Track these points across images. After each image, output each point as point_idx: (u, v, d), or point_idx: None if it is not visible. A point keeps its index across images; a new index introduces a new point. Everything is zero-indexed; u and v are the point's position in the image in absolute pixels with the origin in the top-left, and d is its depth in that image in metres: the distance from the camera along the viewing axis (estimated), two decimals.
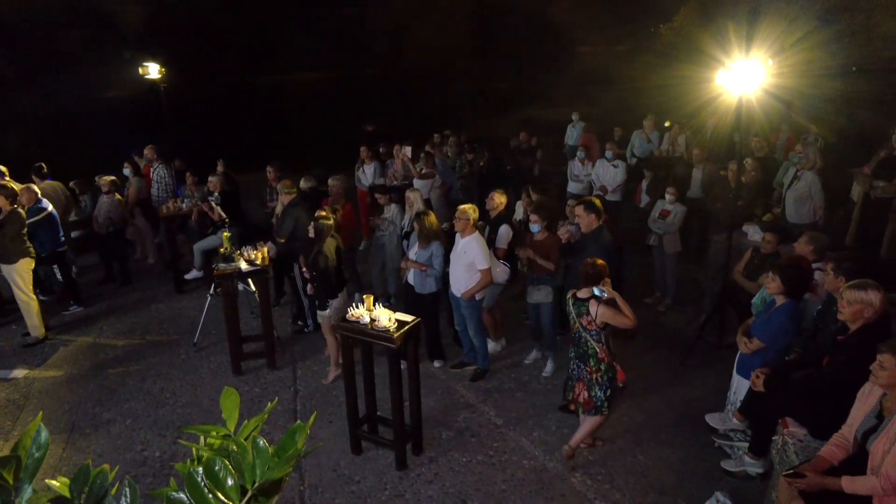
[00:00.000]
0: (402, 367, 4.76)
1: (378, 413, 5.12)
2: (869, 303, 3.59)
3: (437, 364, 6.27)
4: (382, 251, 7.35)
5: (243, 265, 6.14)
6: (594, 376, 4.38)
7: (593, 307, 4.25)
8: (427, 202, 8.41)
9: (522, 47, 23.40)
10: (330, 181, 7.39)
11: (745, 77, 5.30)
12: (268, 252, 6.35)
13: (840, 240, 6.84)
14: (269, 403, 1.58)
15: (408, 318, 4.66)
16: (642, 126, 10.47)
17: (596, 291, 4.25)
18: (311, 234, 5.67)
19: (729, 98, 5.75)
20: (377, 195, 7.54)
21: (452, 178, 9.61)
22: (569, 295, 4.53)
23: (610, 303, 4.22)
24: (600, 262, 4.35)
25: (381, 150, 10.36)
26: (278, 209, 7.10)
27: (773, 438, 3.99)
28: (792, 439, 3.75)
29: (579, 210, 5.32)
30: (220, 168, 8.87)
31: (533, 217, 5.82)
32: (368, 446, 5.00)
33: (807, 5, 16.19)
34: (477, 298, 5.76)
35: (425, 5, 23.16)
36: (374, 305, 4.71)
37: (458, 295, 5.75)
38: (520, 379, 6.01)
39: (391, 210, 7.22)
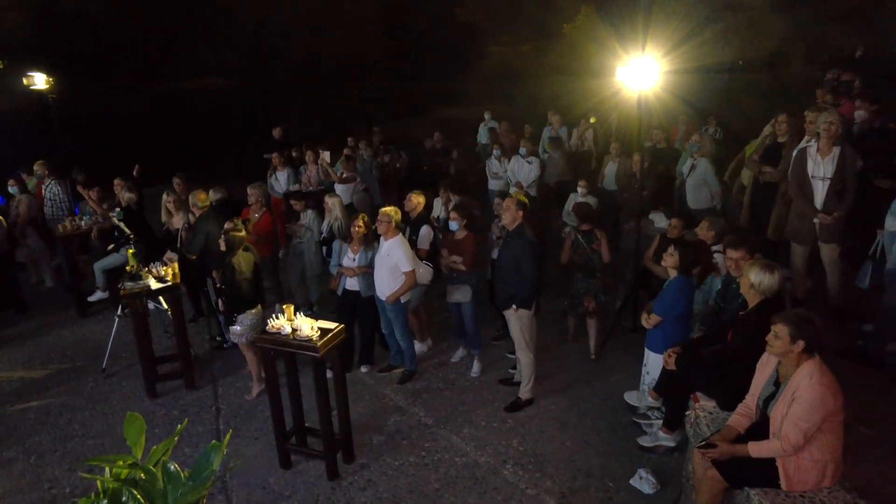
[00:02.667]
0: (328, 375, 4.68)
1: (306, 424, 5.01)
2: (767, 280, 3.86)
3: (364, 370, 6.20)
4: (301, 259, 7.19)
5: (152, 282, 5.83)
6: (599, 284, 5.89)
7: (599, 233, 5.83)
8: (349, 207, 8.32)
9: (433, 48, 23.57)
10: (249, 189, 7.15)
11: (641, 73, 5.58)
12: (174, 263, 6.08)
13: (736, 222, 7.34)
14: (179, 426, 1.51)
15: (331, 325, 4.58)
16: (551, 123, 10.80)
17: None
18: (223, 247, 5.46)
19: (629, 93, 6.03)
20: (292, 202, 7.36)
21: (372, 181, 9.55)
22: (572, 231, 6.08)
23: None
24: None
25: (293, 155, 10.13)
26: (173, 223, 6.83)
27: (686, 413, 4.22)
28: (703, 412, 3.99)
29: (509, 203, 5.31)
30: (135, 172, 8.48)
31: (453, 215, 5.87)
32: (298, 459, 4.88)
33: (695, 5, 17.26)
34: (402, 301, 5.75)
35: (334, 8, 22.87)
36: (295, 315, 4.60)
37: (384, 298, 5.72)
38: (447, 378, 6.05)
39: (308, 216, 7.07)
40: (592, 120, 10.24)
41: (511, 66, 21.13)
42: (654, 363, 4.75)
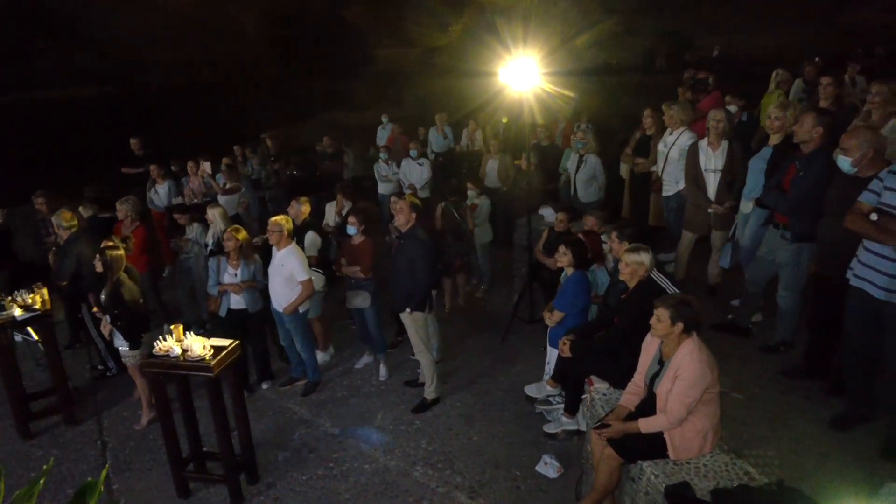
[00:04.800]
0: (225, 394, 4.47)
1: (204, 449, 4.76)
2: (641, 262, 4.16)
3: (265, 386, 5.99)
4: (189, 275, 6.82)
5: (18, 312, 5.30)
6: (465, 246, 6.76)
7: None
8: (236, 218, 7.99)
9: (320, 50, 23.12)
10: (117, 205, 6.67)
11: (522, 73, 5.79)
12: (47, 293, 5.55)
13: (619, 213, 7.81)
14: (45, 466, 1.38)
15: (224, 342, 4.38)
16: (436, 124, 10.96)
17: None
18: (99, 268, 5.06)
19: (512, 93, 6.25)
20: (175, 215, 6.97)
21: (251, 192, 9.18)
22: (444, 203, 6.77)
23: None
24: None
25: (172, 167, 9.59)
26: None
27: (583, 397, 4.44)
28: (597, 395, 4.21)
29: (402, 205, 5.32)
30: None
31: (351, 220, 5.80)
32: (198, 487, 4.63)
33: (571, 9, 18.17)
34: (301, 311, 5.61)
35: (212, 12, 21.81)
36: (184, 334, 4.35)
37: (281, 310, 5.55)
38: (353, 385, 5.97)
39: (194, 230, 6.73)
40: (504, 120, 10.43)
41: (399, 68, 21.19)
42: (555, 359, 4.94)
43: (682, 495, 3.21)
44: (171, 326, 4.42)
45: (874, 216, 3.73)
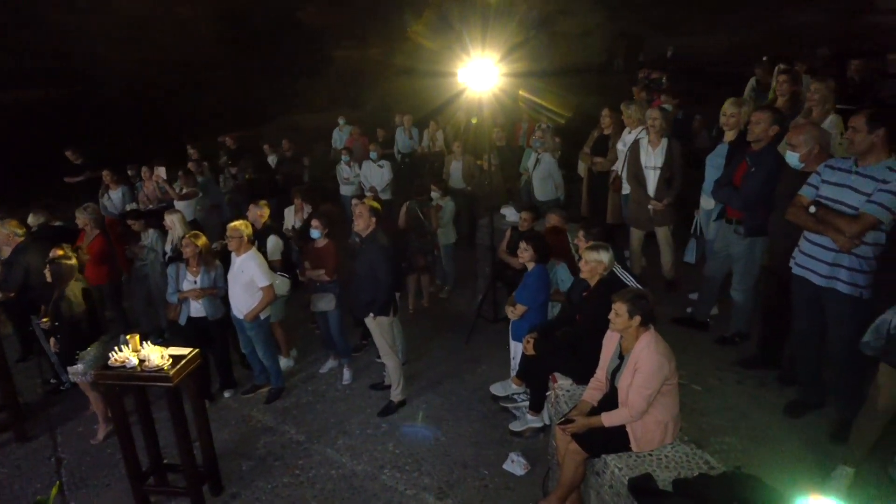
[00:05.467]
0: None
1: (165, 461, 4.64)
2: (601, 261, 4.23)
3: (227, 394, 5.88)
4: (146, 282, 6.64)
5: None
6: (428, 245, 6.80)
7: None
8: (194, 223, 7.82)
9: (277, 52, 22.74)
10: (77, 214, 6.45)
11: (481, 75, 5.83)
12: None
13: (578, 210, 7.94)
14: None
15: (184, 351, 4.27)
16: (402, 125, 10.94)
17: None
18: (49, 278, 4.88)
19: (472, 94, 6.28)
20: (130, 222, 6.78)
21: (219, 195, 9.04)
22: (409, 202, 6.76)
23: None
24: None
25: (129, 172, 9.33)
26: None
27: (547, 394, 4.49)
28: (561, 391, 4.26)
29: (361, 210, 5.29)
30: None
31: (315, 223, 5.74)
32: (160, 500, 4.52)
33: (530, 10, 18.37)
34: (262, 317, 5.52)
35: (161, 13, 21.22)
36: (142, 344, 4.23)
37: (241, 317, 5.45)
38: (317, 390, 5.90)
39: (149, 236, 6.56)
40: (474, 121, 10.42)
41: (358, 69, 21.03)
42: (521, 352, 4.98)
43: (644, 487, 3.27)
44: (128, 336, 4.29)
45: (812, 209, 3.88)
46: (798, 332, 4.37)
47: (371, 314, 5.15)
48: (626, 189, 6.70)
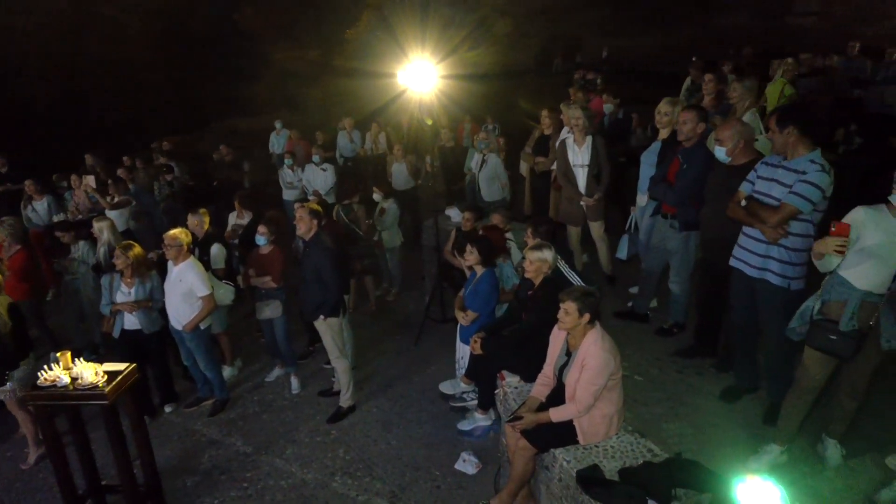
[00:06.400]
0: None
1: (104, 482, 4.43)
2: (545, 259, 4.31)
3: (168, 409, 5.67)
4: (77, 297, 6.34)
5: None
6: (362, 249, 6.64)
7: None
8: (127, 233, 7.53)
9: (212, 54, 22.10)
10: None
11: (421, 77, 5.84)
12: None
13: (521, 209, 8.07)
14: None
15: (119, 366, 4.10)
16: (345, 128, 10.82)
17: None
18: None
19: (413, 95, 6.28)
20: (58, 234, 6.46)
21: (151, 204, 8.72)
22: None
23: None
24: None
25: (62, 182, 8.90)
26: None
27: (496, 392, 4.54)
28: (510, 388, 4.32)
29: (302, 213, 5.22)
30: None
31: (261, 229, 5.62)
32: None
33: (469, 12, 18.50)
34: (202, 328, 5.36)
35: (90, 14, 20.27)
36: (73, 361, 4.03)
37: (181, 328, 5.27)
38: (264, 400, 5.78)
39: (79, 248, 6.26)
40: (429, 121, 10.36)
41: (298, 72, 20.68)
42: (468, 355, 5.01)
43: (592, 478, 3.36)
44: (59, 354, 4.08)
45: (743, 202, 4.08)
46: (733, 321, 4.56)
47: (321, 316, 5.09)
48: None
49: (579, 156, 6.22)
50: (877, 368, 3.58)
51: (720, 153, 4.47)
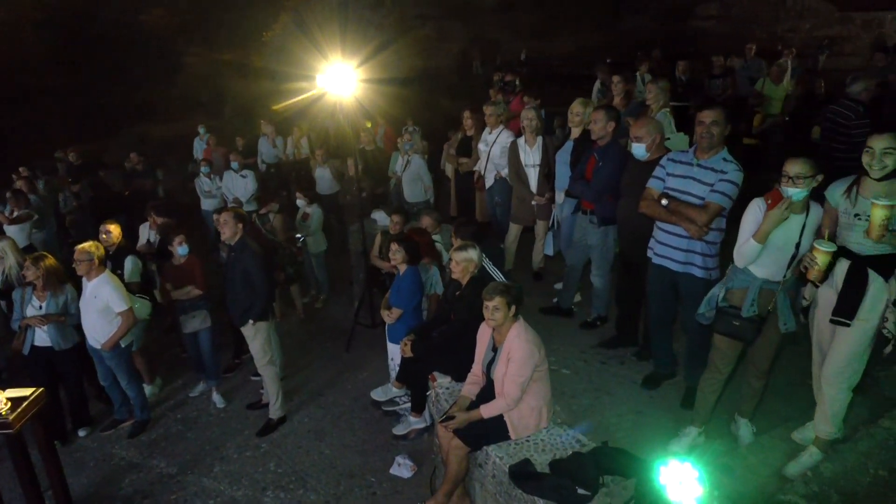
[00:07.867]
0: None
1: None
2: (470, 259, 4.37)
3: (82, 433, 5.34)
4: None
5: None
6: (285, 259, 6.50)
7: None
8: (28, 249, 7.03)
9: (117, 58, 20.95)
10: None
11: (340, 80, 5.78)
12: None
13: (447, 210, 8.12)
14: None
15: (25, 391, 3.83)
16: (266, 134, 10.52)
17: None
18: None
19: (331, 99, 6.21)
20: None
21: (50, 218, 8.16)
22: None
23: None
24: None
25: None
26: None
27: (428, 394, 4.56)
28: (441, 389, 4.35)
29: (226, 217, 5.03)
30: None
31: (178, 239, 5.40)
32: None
33: (388, 15, 18.45)
34: (122, 345, 5.08)
35: None
36: None
37: (98, 346, 4.98)
38: (187, 417, 5.54)
39: None
40: (368, 124, 10.14)
41: (213, 74, 19.94)
42: (399, 355, 5.00)
43: (524, 472, 3.43)
44: None
45: (665, 201, 4.25)
46: (653, 312, 4.78)
47: (250, 321, 4.94)
48: (488, 181, 6.92)
49: (531, 155, 6.33)
50: (778, 349, 3.86)
51: (639, 150, 4.66)
